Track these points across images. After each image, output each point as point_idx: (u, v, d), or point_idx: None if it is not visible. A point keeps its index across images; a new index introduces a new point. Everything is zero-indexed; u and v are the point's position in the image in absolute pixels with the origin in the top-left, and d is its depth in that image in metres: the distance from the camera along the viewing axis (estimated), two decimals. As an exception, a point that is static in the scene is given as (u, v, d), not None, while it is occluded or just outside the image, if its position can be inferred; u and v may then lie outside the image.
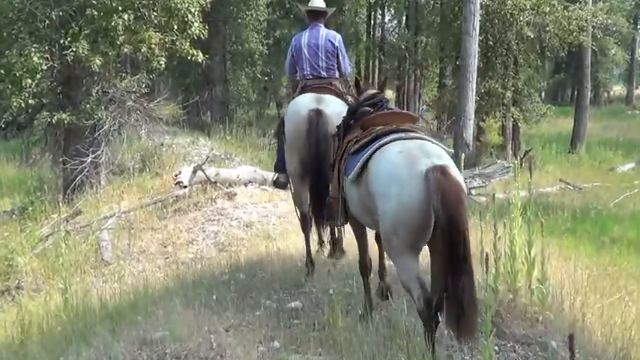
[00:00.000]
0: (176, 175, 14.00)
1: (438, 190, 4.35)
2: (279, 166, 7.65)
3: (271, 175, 9.74)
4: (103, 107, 14.85)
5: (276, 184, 8.04)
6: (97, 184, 15.25)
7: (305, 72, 7.50)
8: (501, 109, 23.79)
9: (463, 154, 8.83)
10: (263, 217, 12.19)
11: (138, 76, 15.94)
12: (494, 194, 6.33)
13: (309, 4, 7.70)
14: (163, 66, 15.23)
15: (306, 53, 7.46)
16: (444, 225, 4.33)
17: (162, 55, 14.78)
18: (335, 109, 6.73)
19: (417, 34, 34.86)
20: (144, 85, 15.95)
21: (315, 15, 7.63)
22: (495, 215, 5.82)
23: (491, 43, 23.49)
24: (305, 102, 6.95)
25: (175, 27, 14.84)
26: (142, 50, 14.48)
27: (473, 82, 19.91)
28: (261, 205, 12.98)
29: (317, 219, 6.80)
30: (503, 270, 5.88)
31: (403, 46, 35.88)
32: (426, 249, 4.77)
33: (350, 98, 7.01)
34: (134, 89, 15.69)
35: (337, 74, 7.59)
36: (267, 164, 14.07)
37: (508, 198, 7.02)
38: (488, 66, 23.65)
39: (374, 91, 6.10)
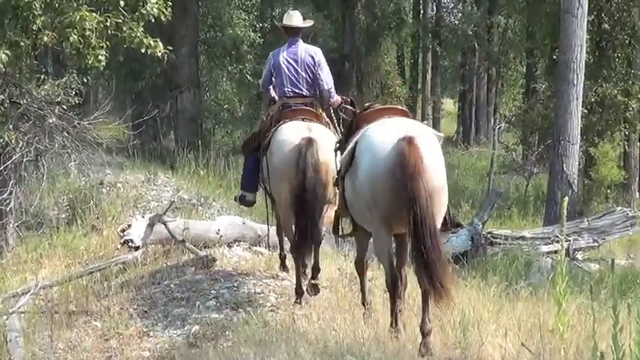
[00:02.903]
0: (123, 231, 14.06)
1: (400, 158, 7.12)
2: (248, 185, 11.57)
3: (269, 229, 12.95)
4: (11, 126, 14.90)
5: (242, 201, 11.91)
6: (4, 244, 15.35)
7: (285, 89, 10.78)
8: (623, 127, 23.82)
9: (565, 198, 8.81)
10: (257, 295, 12.20)
11: (65, 79, 16.07)
12: (612, 260, 6.38)
13: (285, 20, 11.01)
14: (104, 63, 15.21)
15: (286, 69, 10.72)
16: (405, 194, 7.03)
17: (101, 47, 14.76)
18: (325, 138, 9.97)
19: (492, 14, 35.13)
20: (74, 93, 16.08)
21: (292, 30, 10.94)
22: (615, 292, 5.84)
23: (606, 26, 23.64)
24: (295, 130, 10.05)
25: (122, 4, 14.86)
26: (71, 39, 14.40)
27: (579, 87, 19.94)
28: (254, 277, 13.00)
29: (300, 250, 10.08)
30: (629, 376, 5.89)
31: (470, 32, 36.11)
32: None
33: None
34: (59, 99, 15.76)
35: (317, 92, 10.88)
36: (263, 212, 13.93)
37: (634, 265, 7.06)
38: (601, 62, 23.78)
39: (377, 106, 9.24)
